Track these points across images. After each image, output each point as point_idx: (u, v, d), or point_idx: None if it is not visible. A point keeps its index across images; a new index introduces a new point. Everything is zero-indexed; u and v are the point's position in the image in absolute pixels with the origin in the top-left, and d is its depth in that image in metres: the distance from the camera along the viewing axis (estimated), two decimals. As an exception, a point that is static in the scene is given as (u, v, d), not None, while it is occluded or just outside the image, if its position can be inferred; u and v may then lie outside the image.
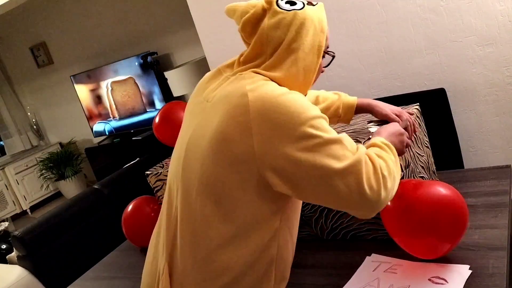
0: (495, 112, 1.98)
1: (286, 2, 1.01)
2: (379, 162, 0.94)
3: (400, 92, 2.14)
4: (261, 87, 0.93)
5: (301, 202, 1.07)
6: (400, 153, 1.12)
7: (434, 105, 1.97)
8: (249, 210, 0.94)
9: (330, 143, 0.89)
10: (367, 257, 1.27)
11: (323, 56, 1.05)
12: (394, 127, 1.14)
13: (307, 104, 0.91)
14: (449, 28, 1.96)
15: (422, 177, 1.43)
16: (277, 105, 0.89)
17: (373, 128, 1.27)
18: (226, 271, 0.95)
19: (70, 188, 5.10)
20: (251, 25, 1.00)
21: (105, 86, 4.57)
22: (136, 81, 4.31)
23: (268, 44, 0.99)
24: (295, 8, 1.00)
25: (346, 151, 0.90)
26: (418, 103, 1.53)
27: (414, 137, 1.42)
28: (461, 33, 1.94)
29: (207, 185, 0.94)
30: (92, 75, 4.62)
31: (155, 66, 4.13)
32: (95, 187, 2.67)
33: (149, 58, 4.11)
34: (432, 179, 1.52)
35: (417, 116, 1.49)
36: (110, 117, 4.69)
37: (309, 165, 0.88)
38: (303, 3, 1.02)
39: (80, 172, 5.21)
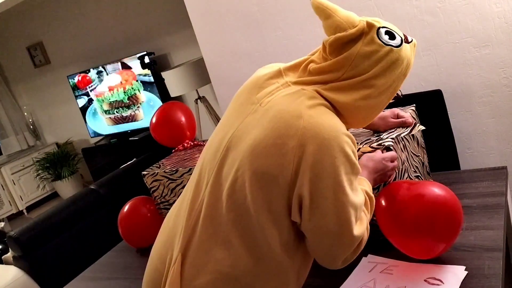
0: (491, 114, 1.99)
1: (386, 33, 0.95)
2: (363, 240, 0.96)
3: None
4: (320, 115, 0.89)
5: None
6: (380, 182, 1.16)
7: (430, 106, 1.97)
8: (271, 230, 0.92)
9: (349, 206, 0.89)
10: (363, 258, 1.27)
11: None
12: (375, 165, 1.12)
13: (353, 154, 0.90)
14: (445, 29, 1.96)
15: (417, 177, 1.43)
16: (328, 144, 0.87)
17: (388, 141, 1.25)
18: (240, 279, 0.94)
19: (67, 189, 5.08)
20: (342, 44, 0.94)
21: (102, 86, 4.56)
22: (133, 82, 4.30)
23: (350, 69, 0.93)
24: (392, 44, 0.95)
25: (355, 221, 0.91)
26: (414, 104, 1.53)
27: (410, 139, 1.43)
28: (457, 35, 1.95)
29: (235, 191, 0.92)
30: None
31: (152, 67, 4.13)
32: (92, 187, 2.67)
33: (146, 58, 4.11)
34: (427, 180, 1.52)
35: (413, 117, 1.49)
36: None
37: (320, 212, 0.89)
38: (401, 39, 0.97)
39: (76, 173, 5.19)
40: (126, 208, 1.81)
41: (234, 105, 1.03)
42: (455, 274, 1.09)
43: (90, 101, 4.71)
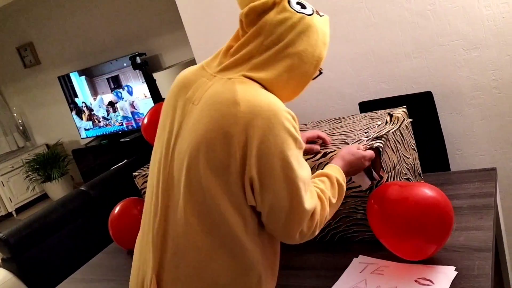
0: (481, 115, 2.01)
1: (297, 3, 0.99)
2: (320, 215, 0.98)
3: (387, 95, 2.16)
4: (255, 97, 0.91)
5: None
6: (358, 172, 1.19)
7: (421, 108, 1.98)
8: (233, 220, 0.93)
9: (298, 181, 0.92)
10: (354, 259, 1.28)
11: None
12: (356, 162, 1.16)
13: (295, 130, 0.92)
14: (436, 32, 1.98)
15: (408, 179, 1.44)
16: (268, 123, 0.88)
17: (378, 143, 1.25)
18: (216, 280, 0.94)
19: (57, 190, 5.04)
20: (256, 13, 0.96)
21: (93, 87, 4.53)
22: (125, 82, 4.28)
23: (266, 37, 0.95)
24: (304, 12, 0.98)
25: (305, 195, 0.93)
26: (405, 106, 1.54)
27: (401, 140, 1.43)
28: (448, 37, 1.97)
29: (192, 193, 0.93)
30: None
31: (143, 67, 4.11)
32: (82, 189, 2.65)
33: (138, 59, 4.09)
34: (418, 181, 1.53)
35: (404, 119, 1.50)
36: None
37: (271, 190, 0.91)
38: (313, 10, 1.00)
39: (67, 174, 5.15)
40: (116, 209, 1.80)
41: (166, 111, 1.04)
42: (445, 274, 1.10)
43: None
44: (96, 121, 4.69)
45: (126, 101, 4.35)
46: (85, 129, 4.82)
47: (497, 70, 1.92)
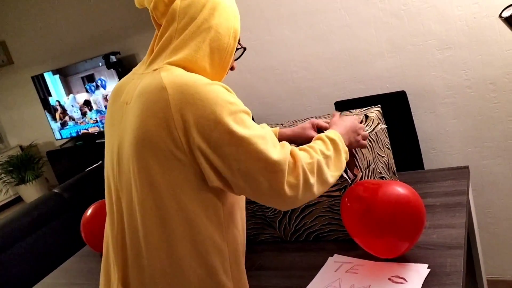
0: (453, 115, 2.04)
1: None
2: (305, 160, 0.95)
3: (363, 94, 2.18)
4: (180, 77, 0.90)
5: (244, 198, 1.05)
6: (359, 146, 1.19)
7: (395, 107, 2.00)
8: (189, 209, 0.91)
9: (253, 138, 0.89)
10: (329, 258, 1.28)
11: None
12: (351, 122, 1.18)
13: (229, 96, 0.90)
14: (410, 32, 2.00)
15: (383, 177, 1.45)
16: (199, 98, 0.87)
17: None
18: (182, 276, 0.93)
19: (31, 193, 4.93)
20: (163, 4, 0.98)
21: (67, 88, 4.45)
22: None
23: (179, 21, 0.96)
24: None
25: (269, 147, 0.90)
26: (379, 105, 1.55)
27: (376, 138, 1.44)
28: (421, 37, 1.99)
29: (144, 192, 0.91)
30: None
31: (118, 66, 4.05)
32: (55, 191, 2.59)
33: (112, 58, 4.03)
34: (393, 179, 1.54)
35: (379, 118, 1.51)
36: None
37: (233, 159, 0.88)
38: None
39: (41, 176, 5.04)
40: (89, 211, 1.76)
41: (106, 127, 1.05)
42: (418, 272, 1.10)
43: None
44: (70, 120, 4.60)
45: (99, 95, 4.28)
46: (59, 129, 4.73)
47: (469, 69, 1.95)
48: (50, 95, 4.62)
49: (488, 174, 2.05)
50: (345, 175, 1.26)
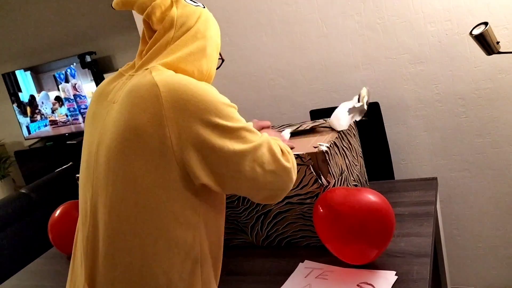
0: (424, 127, 2.09)
1: (190, 0, 1.08)
2: (280, 142, 1.03)
3: (337, 104, 2.21)
4: (171, 76, 0.92)
5: (223, 199, 1.05)
6: None
7: (368, 118, 2.04)
8: (168, 209, 0.90)
9: (243, 130, 0.93)
10: (300, 264, 1.29)
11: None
12: (281, 135, 1.37)
13: (218, 94, 0.94)
14: (384, 45, 2.05)
15: (355, 185, 1.48)
16: (191, 94, 0.89)
17: (324, 147, 1.28)
18: (151, 277, 0.92)
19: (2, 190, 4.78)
20: (160, 11, 1.01)
21: (39, 86, 4.35)
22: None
23: (177, 28, 1.01)
24: (199, 5, 1.08)
25: (255, 136, 0.95)
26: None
27: (349, 147, 1.47)
28: (395, 51, 2.04)
29: (124, 190, 0.90)
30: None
31: (93, 67, 3.99)
32: (22, 191, 2.52)
33: (87, 58, 3.97)
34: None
35: (352, 127, 1.54)
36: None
37: (225, 152, 0.90)
38: (203, 5, 1.10)
39: (7, 177, 4.90)
40: (57, 212, 1.72)
41: (87, 125, 1.04)
42: (386, 278, 1.13)
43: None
44: (40, 116, 4.50)
45: (68, 83, 4.20)
46: (28, 126, 4.61)
47: (440, 84, 2.01)
48: (20, 90, 4.51)
49: (456, 186, 2.11)
50: (319, 181, 1.28)
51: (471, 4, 1.88)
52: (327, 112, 2.14)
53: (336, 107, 2.14)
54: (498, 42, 1.51)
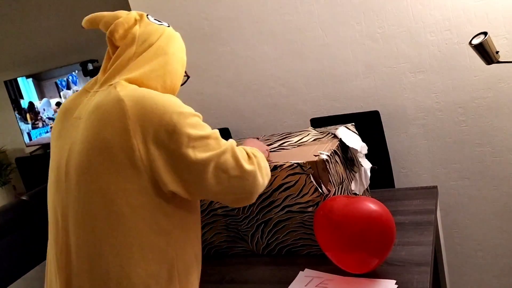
0: (424, 136, 2.10)
1: (155, 19, 1.12)
2: (246, 148, 1.07)
3: (337, 112, 2.22)
4: (135, 90, 0.96)
5: (198, 205, 1.08)
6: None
7: (368, 126, 2.05)
8: (140, 216, 0.93)
9: (207, 138, 0.97)
10: (300, 272, 1.29)
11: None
12: (259, 143, 1.37)
13: (182, 104, 0.98)
14: (384, 54, 2.07)
15: (355, 194, 1.48)
16: (156, 106, 0.93)
17: (324, 155, 1.29)
18: (128, 283, 0.92)
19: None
20: (123, 28, 1.05)
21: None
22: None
23: (139, 45, 1.04)
24: (163, 24, 1.12)
25: (218, 144, 0.99)
26: (353, 123, 1.59)
27: (350, 156, 1.47)
28: (395, 60, 2.06)
29: (95, 202, 0.92)
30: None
31: (94, 74, 4.01)
32: (23, 198, 2.52)
33: (89, 66, 3.99)
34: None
35: (354, 131, 1.54)
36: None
37: (189, 160, 0.93)
38: (168, 24, 1.14)
39: (8, 183, 4.90)
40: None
41: (54, 141, 1.07)
42: (386, 287, 1.13)
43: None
44: (42, 123, 4.51)
45: (70, 90, 4.21)
46: (29, 132, 4.62)
47: (440, 93, 2.02)
48: (22, 97, 4.53)
49: (456, 195, 2.12)
50: (319, 190, 1.29)
51: (471, 14, 1.89)
52: (328, 120, 2.15)
53: (336, 116, 2.15)
54: (497, 52, 1.52)
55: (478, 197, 2.08)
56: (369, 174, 1.53)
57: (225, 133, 2.45)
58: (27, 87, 4.48)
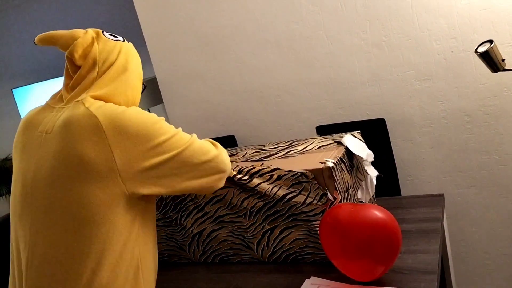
0: (430, 143, 2.10)
1: (110, 35, 1.17)
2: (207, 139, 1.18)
3: (343, 120, 2.22)
4: (104, 106, 1.02)
5: (154, 210, 1.13)
6: None
7: (374, 134, 2.05)
8: (111, 222, 0.97)
9: (174, 137, 1.06)
10: (306, 280, 1.29)
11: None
12: None
13: (148, 114, 1.05)
14: (390, 62, 2.07)
15: (361, 201, 1.48)
16: (128, 119, 1.00)
17: (330, 163, 1.30)
18: None
19: (4, 207, 4.81)
20: (82, 48, 1.10)
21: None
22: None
23: (102, 63, 1.10)
24: (119, 39, 1.17)
25: (186, 138, 1.09)
26: (359, 131, 1.59)
27: (356, 164, 1.47)
28: (401, 68, 2.06)
29: (68, 214, 0.95)
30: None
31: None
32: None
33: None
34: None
35: (360, 138, 1.54)
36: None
37: (166, 159, 1.02)
38: (123, 38, 1.19)
39: (15, 190, 4.93)
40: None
41: (17, 155, 1.08)
42: (393, 296, 1.12)
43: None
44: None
45: None
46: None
47: (446, 101, 2.02)
48: (30, 106, 4.57)
49: (462, 203, 2.11)
50: (325, 197, 1.29)
51: (476, 22, 1.90)
52: (334, 128, 2.15)
53: (342, 123, 2.16)
54: (503, 60, 1.52)
55: (485, 205, 2.07)
56: (375, 182, 1.53)
57: (231, 141, 2.46)
58: (34, 95, 4.52)
